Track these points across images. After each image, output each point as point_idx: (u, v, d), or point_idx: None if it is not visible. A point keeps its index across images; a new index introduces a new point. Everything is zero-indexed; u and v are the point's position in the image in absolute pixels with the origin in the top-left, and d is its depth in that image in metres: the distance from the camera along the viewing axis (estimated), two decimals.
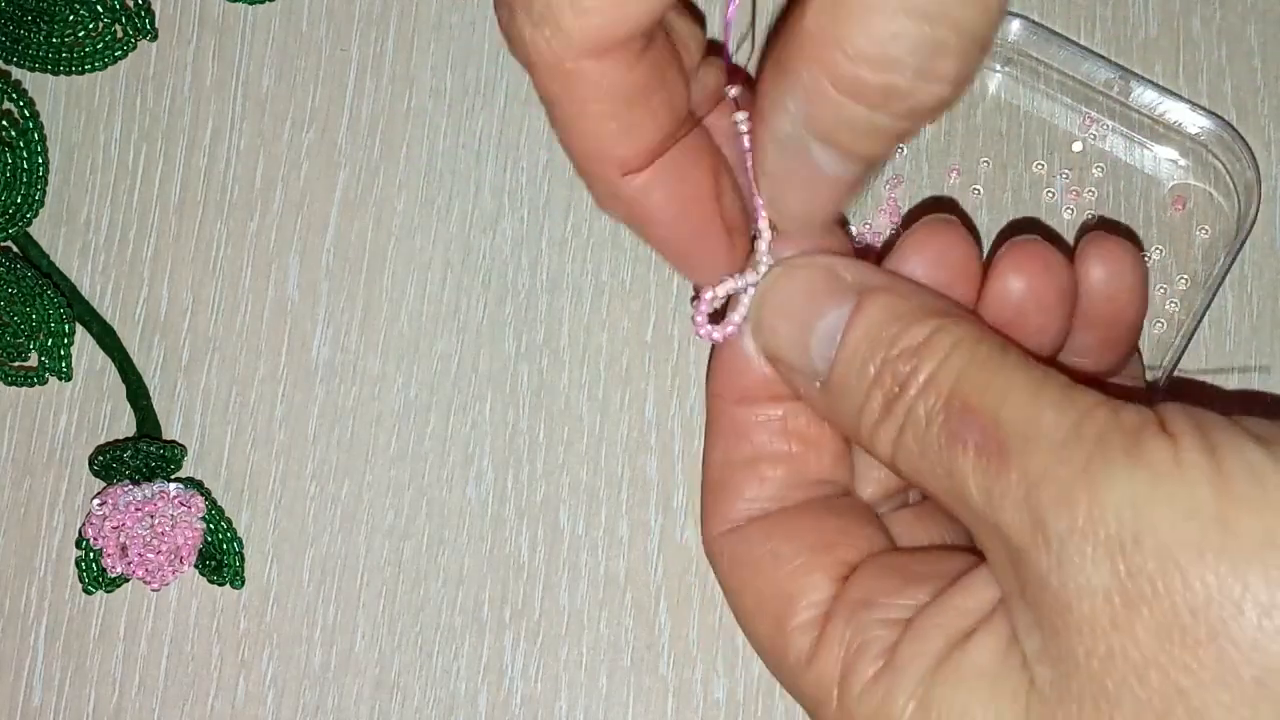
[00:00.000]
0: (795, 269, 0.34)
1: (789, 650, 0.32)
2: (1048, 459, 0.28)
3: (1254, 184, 0.42)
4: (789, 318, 0.33)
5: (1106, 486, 0.27)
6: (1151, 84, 0.43)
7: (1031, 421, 0.28)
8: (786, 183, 0.33)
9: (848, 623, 0.31)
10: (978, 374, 0.30)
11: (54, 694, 0.43)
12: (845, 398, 0.32)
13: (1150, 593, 0.26)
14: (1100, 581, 0.26)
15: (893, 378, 0.31)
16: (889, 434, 0.31)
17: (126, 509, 0.42)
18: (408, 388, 0.44)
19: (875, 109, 0.30)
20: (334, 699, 0.43)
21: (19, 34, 0.45)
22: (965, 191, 0.44)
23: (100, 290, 0.45)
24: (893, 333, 0.31)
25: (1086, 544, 0.27)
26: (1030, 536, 0.27)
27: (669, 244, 0.34)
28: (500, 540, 0.43)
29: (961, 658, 0.29)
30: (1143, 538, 0.26)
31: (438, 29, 0.46)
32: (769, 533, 0.34)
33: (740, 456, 0.35)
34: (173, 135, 0.46)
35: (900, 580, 0.32)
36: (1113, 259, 0.35)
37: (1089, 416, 0.28)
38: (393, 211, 0.45)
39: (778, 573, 0.33)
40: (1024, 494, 0.28)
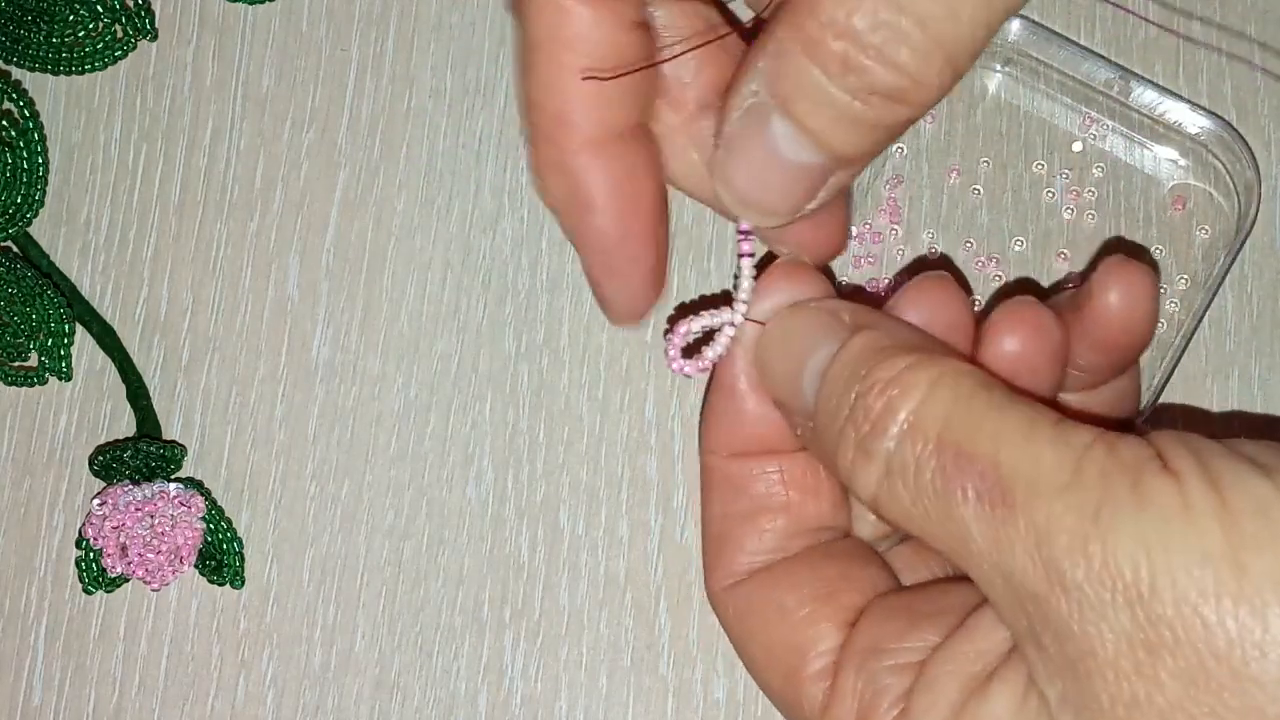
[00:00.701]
0: (797, 310, 0.34)
1: (803, 701, 0.32)
2: (1055, 505, 0.27)
3: (1254, 184, 0.42)
4: (784, 356, 0.33)
5: (1117, 534, 0.26)
6: (1151, 84, 0.43)
7: (1031, 464, 0.28)
8: (740, 153, 0.32)
9: (858, 672, 0.31)
10: (966, 415, 0.29)
11: (54, 694, 0.43)
12: (825, 436, 0.32)
13: (1171, 640, 0.26)
14: (1121, 628, 0.26)
15: (865, 414, 0.30)
16: (871, 476, 0.30)
17: (126, 509, 0.42)
18: (408, 388, 0.44)
19: (832, 79, 0.30)
20: (334, 699, 0.43)
21: (19, 34, 0.45)
22: (965, 191, 0.44)
23: (100, 290, 0.45)
24: (866, 367, 0.31)
25: (1105, 592, 0.26)
26: (1046, 585, 0.27)
27: (599, 240, 0.34)
28: (500, 540, 0.43)
29: (979, 707, 0.29)
30: (1159, 586, 0.26)
31: (438, 29, 0.46)
32: (773, 585, 0.34)
33: (739, 510, 0.35)
34: (173, 135, 0.46)
35: (906, 622, 0.32)
36: (1132, 287, 0.35)
37: (1088, 456, 0.28)
38: (393, 211, 0.45)
39: (784, 624, 0.33)
40: (1035, 542, 0.27)
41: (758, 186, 0.32)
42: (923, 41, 0.29)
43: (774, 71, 0.31)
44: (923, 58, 0.30)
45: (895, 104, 0.30)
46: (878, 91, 0.30)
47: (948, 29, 0.29)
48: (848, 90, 0.30)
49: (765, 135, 0.32)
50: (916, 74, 0.30)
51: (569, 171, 0.32)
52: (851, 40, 0.29)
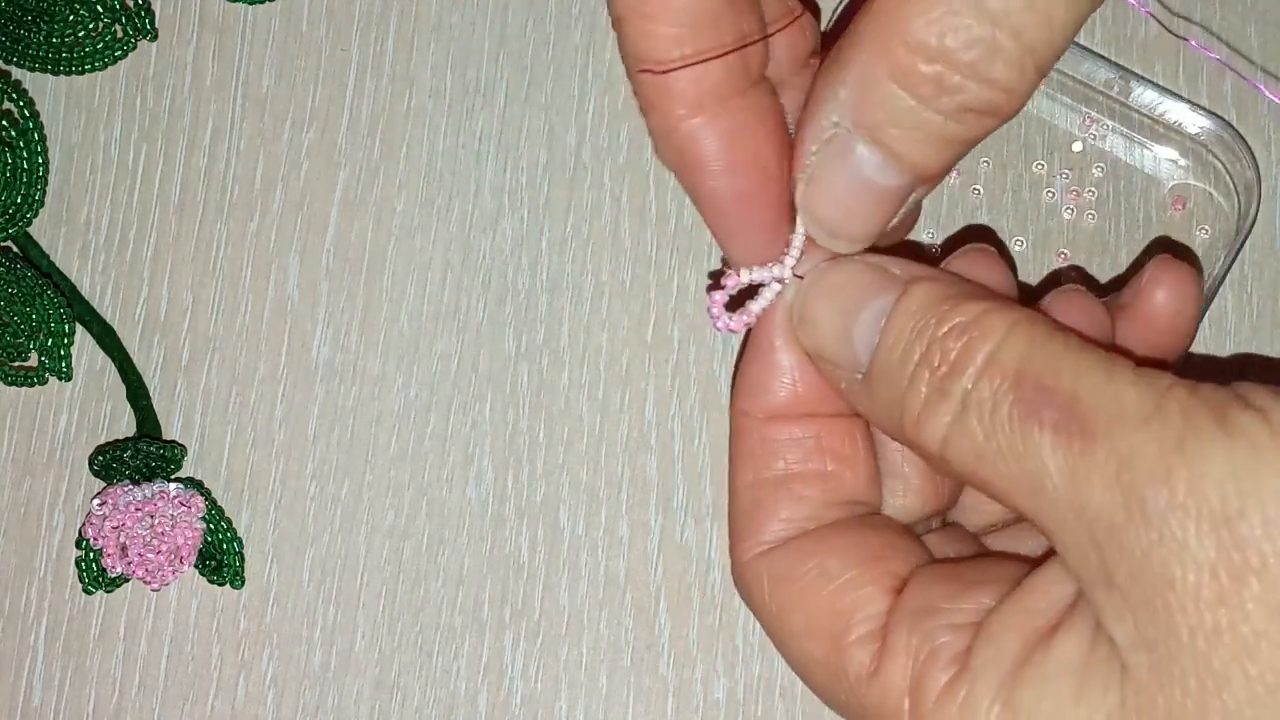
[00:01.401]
0: (842, 263, 0.33)
1: (848, 667, 0.31)
2: (1137, 436, 0.27)
3: (1254, 184, 0.42)
4: (833, 309, 0.33)
5: (1204, 460, 0.26)
6: (1151, 84, 0.43)
7: (1113, 398, 0.28)
8: (825, 184, 0.32)
9: (912, 631, 0.30)
10: (1045, 354, 0.29)
11: (54, 694, 0.43)
12: (888, 384, 0.31)
13: (1259, 564, 0.26)
14: (1205, 556, 0.26)
15: (941, 355, 0.30)
16: (941, 418, 0.30)
17: (126, 509, 0.42)
18: (408, 388, 0.44)
19: (925, 103, 0.30)
20: (334, 699, 0.43)
21: (19, 34, 0.45)
22: (965, 191, 0.44)
23: (100, 290, 0.45)
24: (941, 311, 0.30)
25: (1189, 519, 0.26)
26: (1126, 514, 0.27)
27: (714, 200, 0.33)
28: (500, 540, 0.43)
29: (1045, 656, 0.28)
30: (1248, 510, 0.26)
31: (438, 29, 0.46)
32: (811, 550, 0.33)
33: (773, 476, 0.34)
34: (173, 135, 0.46)
35: (959, 586, 0.31)
36: (1179, 287, 0.35)
37: (1170, 394, 0.28)
38: (393, 211, 0.45)
39: (827, 589, 0.32)
40: (1115, 472, 0.27)
41: (845, 216, 0.32)
42: (1016, 52, 0.29)
43: (859, 101, 0.31)
44: (1016, 68, 0.29)
45: (987, 117, 0.30)
46: (972, 109, 0.30)
47: (1042, 36, 0.29)
48: (941, 112, 0.30)
49: (850, 164, 0.31)
50: (1010, 85, 0.30)
51: (674, 137, 0.32)
52: (945, 62, 0.29)
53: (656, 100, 0.32)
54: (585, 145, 0.45)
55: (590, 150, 0.45)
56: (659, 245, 0.45)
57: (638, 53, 0.31)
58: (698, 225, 0.45)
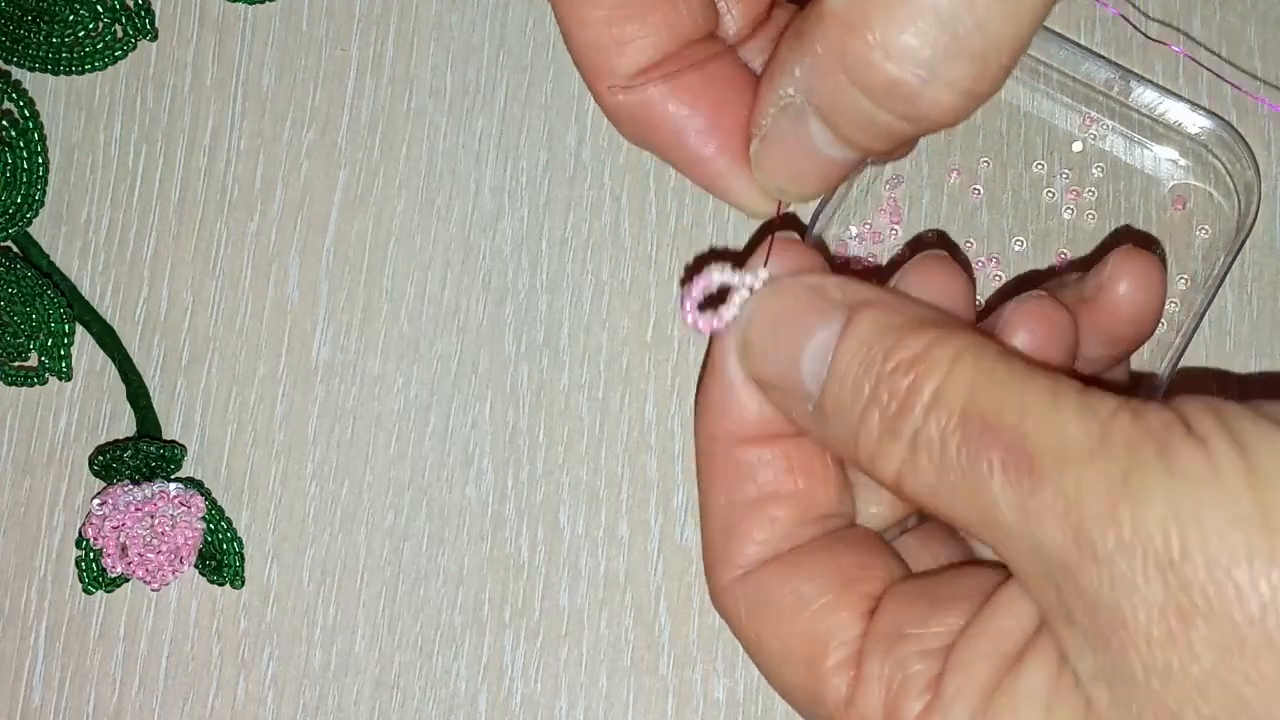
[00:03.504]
0: (780, 289, 0.33)
1: (826, 694, 0.31)
2: (1082, 473, 0.27)
3: (1254, 184, 0.42)
4: (776, 340, 0.32)
5: (1146, 500, 0.26)
6: (1151, 84, 0.43)
7: (1057, 433, 0.28)
8: (778, 148, 0.32)
9: (884, 659, 0.30)
10: (989, 386, 0.29)
11: (54, 694, 0.43)
12: (839, 419, 0.31)
13: (1204, 606, 0.25)
14: (1154, 597, 0.26)
15: (890, 393, 0.30)
16: (895, 455, 0.30)
17: (126, 509, 0.42)
18: (408, 388, 0.44)
19: (879, 103, 0.29)
20: (334, 699, 0.43)
21: (19, 34, 0.45)
22: (965, 191, 0.44)
23: (100, 290, 0.45)
24: (886, 346, 0.30)
25: (1136, 560, 0.26)
26: (1077, 555, 0.27)
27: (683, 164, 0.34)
28: (500, 540, 0.43)
29: (1013, 686, 0.29)
30: (1190, 551, 0.26)
31: (438, 29, 0.46)
32: (787, 574, 0.33)
33: (744, 498, 0.33)
34: (173, 135, 0.46)
35: (928, 607, 0.31)
36: (1142, 278, 0.35)
37: (1114, 422, 0.27)
38: (393, 211, 0.45)
39: (803, 614, 0.32)
40: (1063, 511, 0.27)
41: (793, 178, 0.33)
42: (980, 48, 0.29)
43: (813, 87, 0.30)
44: (979, 65, 0.29)
45: (944, 118, 0.30)
46: (921, 115, 0.30)
47: (1008, 28, 0.29)
48: (894, 113, 0.30)
49: (801, 134, 0.31)
50: (969, 89, 0.29)
51: (615, 111, 0.33)
52: (903, 60, 0.29)
53: (588, 78, 0.33)
54: (585, 145, 0.45)
55: (590, 150, 0.45)
56: (659, 245, 0.45)
57: (575, 41, 0.32)
58: (698, 225, 0.45)
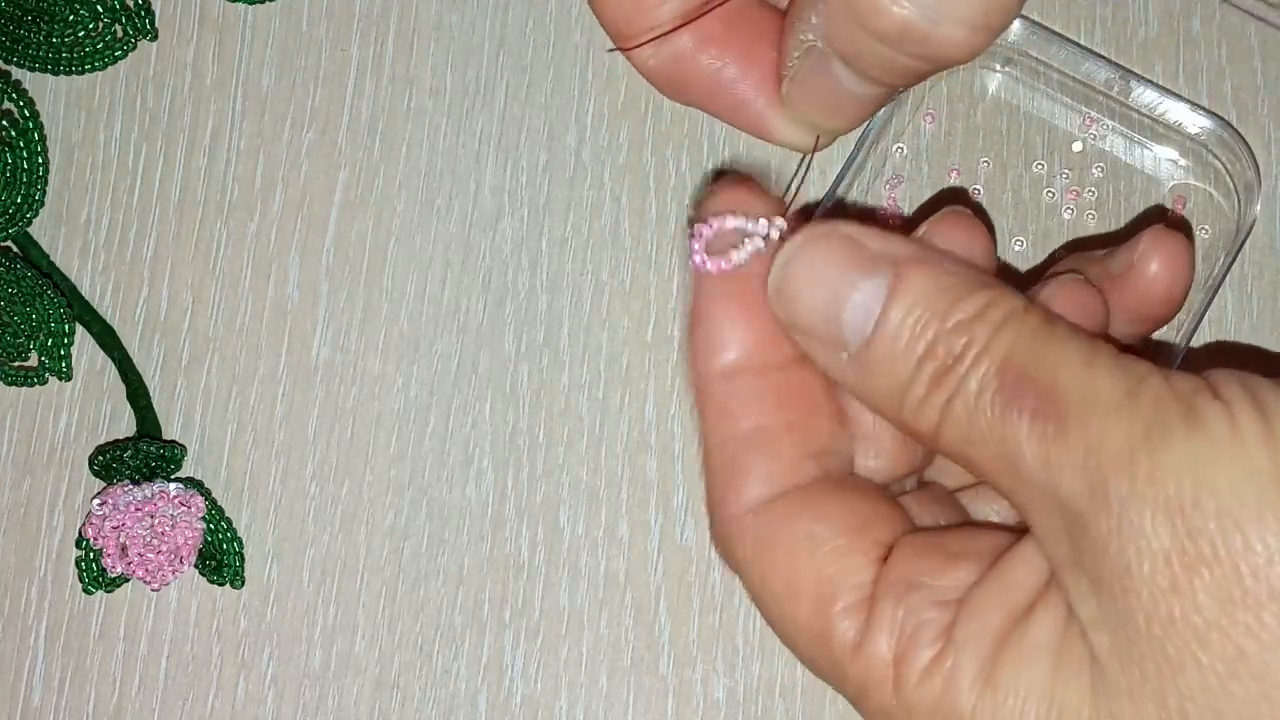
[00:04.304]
0: (819, 238, 0.33)
1: (833, 635, 0.31)
2: (1106, 424, 0.28)
3: (1254, 184, 0.42)
4: (816, 287, 0.32)
5: (1166, 451, 0.27)
6: (1151, 84, 0.43)
7: (1088, 388, 0.28)
8: (807, 88, 0.34)
9: (897, 605, 0.30)
10: (1030, 343, 0.29)
11: (54, 694, 0.43)
12: (887, 373, 0.31)
13: (1211, 555, 0.26)
14: (1160, 545, 0.26)
15: (946, 351, 0.30)
16: (936, 407, 0.30)
17: (126, 509, 0.42)
18: (408, 388, 0.44)
19: (893, 48, 0.31)
20: (334, 699, 0.43)
21: (19, 34, 0.45)
22: (965, 191, 0.44)
23: (100, 290, 0.45)
24: (944, 305, 0.31)
25: (1146, 507, 0.27)
26: (1089, 501, 0.27)
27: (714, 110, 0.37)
28: (500, 540, 0.43)
29: (1023, 636, 0.29)
30: (1202, 501, 0.26)
31: (438, 29, 0.46)
32: (797, 513, 0.32)
33: (744, 431, 0.33)
34: (173, 135, 0.46)
35: (943, 559, 0.31)
36: (1174, 258, 0.35)
37: (1144, 383, 0.28)
38: (393, 211, 0.45)
39: (815, 555, 0.32)
40: (1083, 459, 0.28)
41: (825, 114, 0.35)
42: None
43: (828, 34, 0.32)
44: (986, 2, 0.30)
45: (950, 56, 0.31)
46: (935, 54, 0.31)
47: None
48: (910, 55, 0.31)
49: (827, 74, 0.33)
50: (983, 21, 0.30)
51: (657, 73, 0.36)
52: (908, 5, 0.30)
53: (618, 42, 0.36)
54: (585, 145, 0.45)
55: (590, 150, 0.45)
56: (659, 245, 0.45)
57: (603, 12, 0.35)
58: None
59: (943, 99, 0.45)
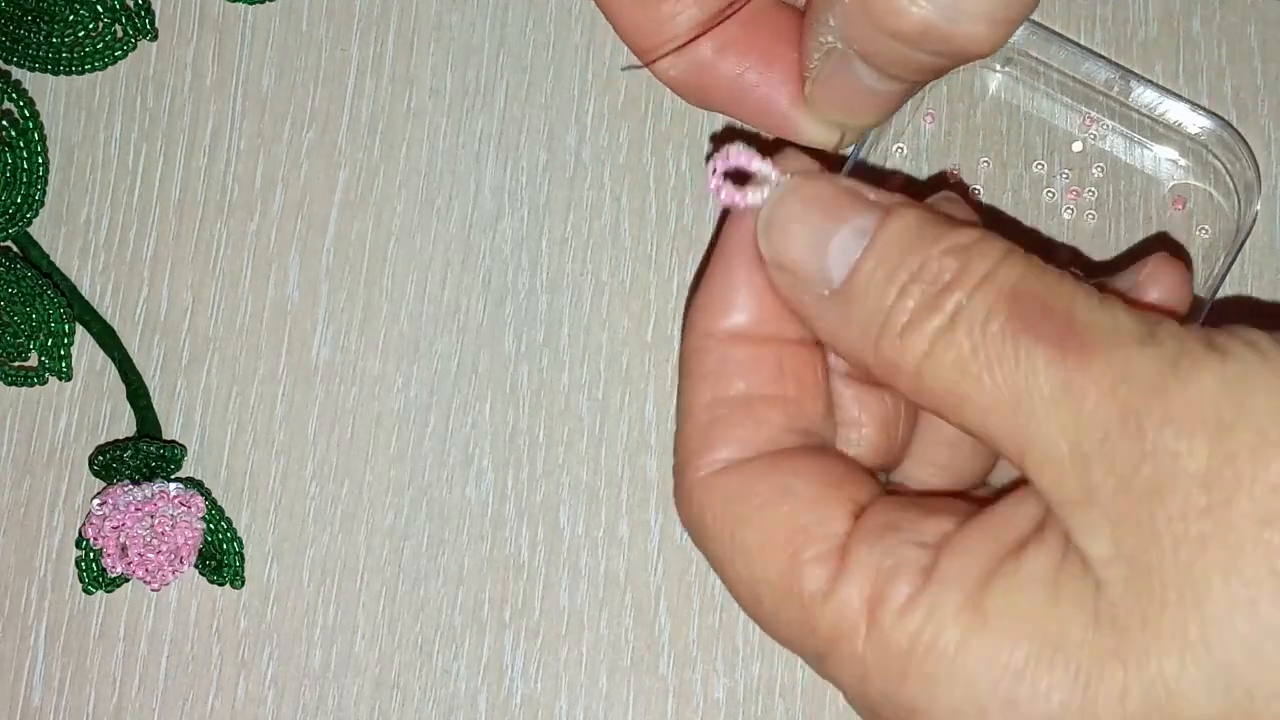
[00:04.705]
0: (810, 176, 0.32)
1: (803, 584, 0.30)
2: (1134, 353, 0.28)
3: (1254, 184, 0.42)
4: (807, 218, 0.32)
5: (1198, 376, 0.27)
6: (1151, 84, 0.43)
7: (1110, 321, 0.28)
8: (829, 88, 0.34)
9: (873, 547, 0.29)
10: (1040, 277, 0.29)
11: (54, 694, 0.43)
12: (869, 299, 0.30)
13: (1249, 475, 0.26)
14: (1197, 467, 0.26)
15: (938, 270, 0.29)
16: (927, 331, 0.29)
17: (126, 509, 0.42)
18: (408, 388, 0.44)
19: (914, 47, 0.31)
20: (334, 699, 0.43)
21: (19, 34, 0.45)
22: (965, 191, 0.44)
23: (100, 290, 0.45)
24: (935, 233, 0.30)
25: (1183, 431, 0.27)
26: (1120, 426, 0.27)
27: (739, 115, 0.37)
28: (500, 540, 0.43)
29: (1015, 568, 0.28)
30: (1238, 423, 0.26)
31: (438, 29, 0.46)
32: (770, 470, 0.32)
33: (733, 395, 0.32)
34: (173, 135, 0.46)
35: (921, 511, 0.30)
36: (1174, 289, 0.35)
37: (1162, 324, 0.28)
38: (393, 211, 0.45)
39: (788, 505, 0.31)
40: (1111, 385, 0.27)
41: (849, 112, 0.35)
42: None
43: (847, 35, 0.32)
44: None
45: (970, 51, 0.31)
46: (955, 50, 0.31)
47: None
48: (931, 53, 0.31)
49: (849, 73, 0.33)
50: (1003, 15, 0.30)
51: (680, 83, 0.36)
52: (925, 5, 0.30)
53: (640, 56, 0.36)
54: (585, 145, 0.45)
55: (590, 150, 0.45)
56: (659, 245, 0.45)
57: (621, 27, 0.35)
58: (698, 225, 0.45)
59: (943, 99, 0.45)
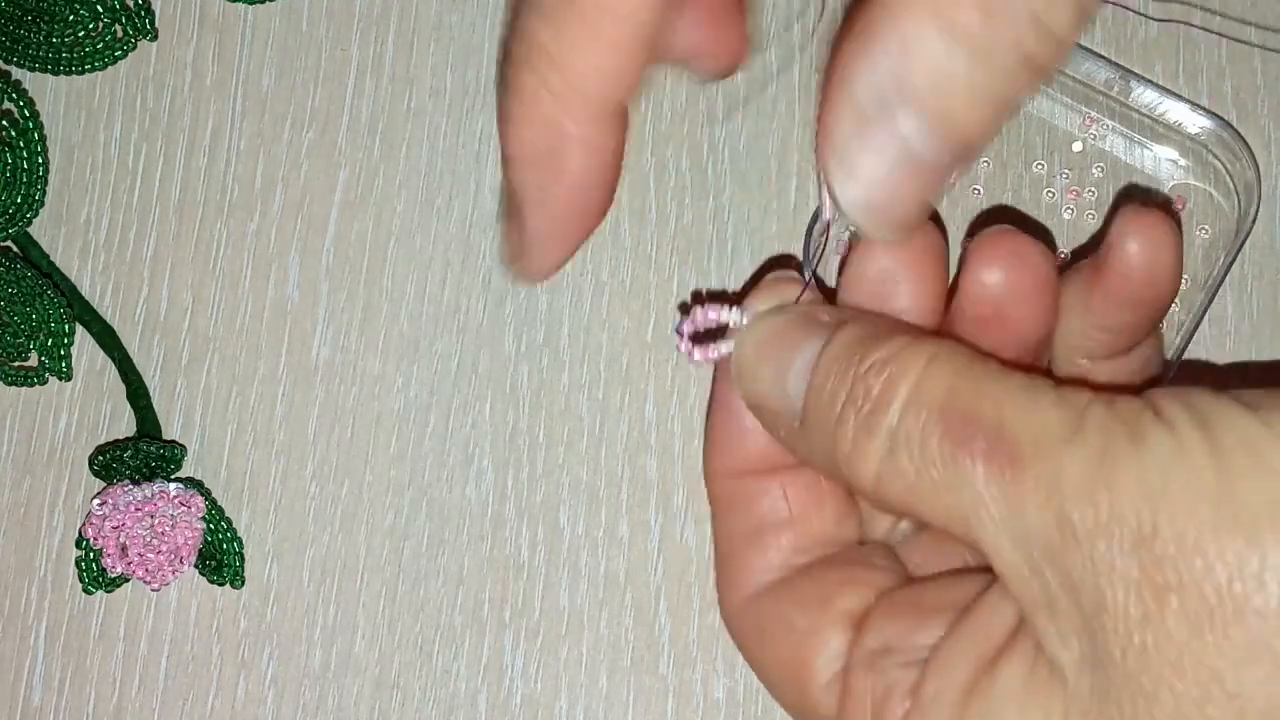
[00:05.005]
0: (773, 313, 0.34)
1: (818, 711, 0.33)
2: (1061, 458, 0.27)
3: (1254, 184, 0.42)
4: (766, 359, 0.33)
5: (1120, 480, 0.27)
6: (1151, 84, 0.43)
7: (1036, 422, 0.28)
8: (863, 164, 0.30)
9: (868, 672, 0.31)
10: (966, 383, 0.29)
11: (54, 694, 0.43)
12: (819, 425, 0.31)
13: (1176, 581, 0.26)
14: (1130, 575, 0.26)
15: (864, 392, 0.30)
16: (873, 455, 0.30)
17: (126, 509, 0.42)
18: (408, 388, 0.44)
19: (980, 58, 0.28)
20: (334, 699, 0.43)
21: (19, 34, 0.45)
22: (965, 191, 0.44)
23: (100, 290, 0.45)
24: (862, 350, 0.31)
25: (1113, 540, 0.27)
26: (1059, 538, 0.27)
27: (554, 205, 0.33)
28: (500, 540, 0.43)
29: (989, 686, 0.29)
30: (1160, 527, 0.26)
31: (438, 29, 0.46)
32: (779, 600, 0.34)
33: (745, 528, 0.35)
34: (173, 135, 0.46)
35: (913, 620, 0.32)
36: (1152, 234, 0.34)
37: (1088, 411, 0.28)
38: (393, 211, 0.45)
39: (791, 639, 0.33)
40: (1045, 495, 0.27)
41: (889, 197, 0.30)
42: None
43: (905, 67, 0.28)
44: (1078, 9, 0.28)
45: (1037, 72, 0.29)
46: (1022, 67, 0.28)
47: None
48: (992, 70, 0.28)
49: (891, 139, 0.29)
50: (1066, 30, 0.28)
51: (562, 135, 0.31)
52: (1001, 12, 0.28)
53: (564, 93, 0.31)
54: None
55: None
56: (659, 245, 0.45)
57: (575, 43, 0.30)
58: (698, 225, 0.45)
59: None
